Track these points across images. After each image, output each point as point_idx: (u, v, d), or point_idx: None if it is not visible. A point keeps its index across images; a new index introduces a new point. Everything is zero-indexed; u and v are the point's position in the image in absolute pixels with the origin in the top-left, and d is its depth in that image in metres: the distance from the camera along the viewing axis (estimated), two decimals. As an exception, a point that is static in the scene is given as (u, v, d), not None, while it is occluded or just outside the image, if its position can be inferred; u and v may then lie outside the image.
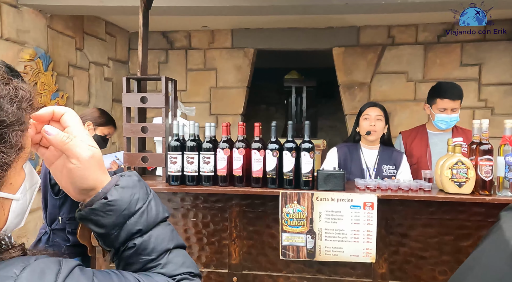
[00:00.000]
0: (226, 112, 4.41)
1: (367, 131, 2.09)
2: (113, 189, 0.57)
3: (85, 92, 3.78)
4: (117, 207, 0.56)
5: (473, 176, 1.54)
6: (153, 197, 0.62)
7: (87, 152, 0.54)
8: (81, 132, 0.55)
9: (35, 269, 0.44)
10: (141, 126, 1.88)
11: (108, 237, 0.58)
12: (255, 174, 1.72)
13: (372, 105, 2.18)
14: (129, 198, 0.58)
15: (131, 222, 0.58)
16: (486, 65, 3.96)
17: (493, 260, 0.44)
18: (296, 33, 4.23)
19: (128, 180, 0.60)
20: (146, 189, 0.62)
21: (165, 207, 0.64)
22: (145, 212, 0.59)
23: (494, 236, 0.45)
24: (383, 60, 4.16)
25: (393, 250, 1.69)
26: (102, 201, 0.56)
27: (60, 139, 0.53)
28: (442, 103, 2.16)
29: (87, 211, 0.57)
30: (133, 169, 1.98)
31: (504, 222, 0.45)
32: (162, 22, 4.01)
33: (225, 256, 1.81)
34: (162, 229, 0.61)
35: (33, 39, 3.07)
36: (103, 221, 0.57)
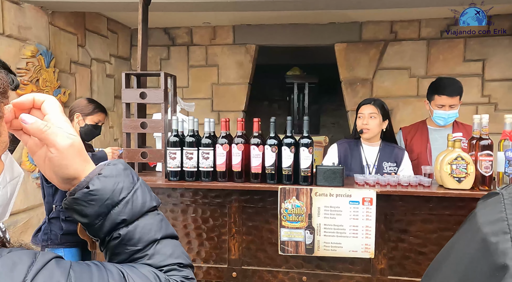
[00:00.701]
0: (228, 109, 4.41)
1: (360, 130, 2.07)
2: (96, 178, 0.56)
3: (87, 89, 3.80)
4: (99, 196, 0.55)
5: (473, 171, 1.53)
6: (139, 186, 0.60)
7: (66, 141, 0.53)
8: (60, 120, 0.54)
9: (6, 261, 0.43)
10: (140, 122, 1.88)
11: (92, 227, 0.57)
12: (254, 169, 1.72)
13: (367, 102, 2.14)
14: (112, 187, 0.56)
15: (115, 212, 0.56)
16: (489, 61, 3.92)
17: (466, 246, 0.44)
18: (298, 29, 4.21)
19: (112, 169, 0.58)
20: (133, 178, 0.60)
21: (154, 196, 0.62)
22: (130, 201, 0.57)
23: (468, 223, 0.46)
24: (385, 56, 4.13)
25: (392, 246, 1.68)
26: (84, 191, 0.55)
27: (37, 128, 0.51)
28: (440, 99, 2.14)
29: (70, 200, 0.56)
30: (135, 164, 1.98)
31: (479, 209, 0.45)
32: (164, 19, 4.00)
33: (225, 251, 1.81)
34: (149, 219, 0.59)
35: (34, 35, 3.08)
36: (86, 210, 0.55)
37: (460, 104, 2.20)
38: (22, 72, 2.94)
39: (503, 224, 0.40)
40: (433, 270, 0.51)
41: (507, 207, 0.41)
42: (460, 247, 0.46)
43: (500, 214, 0.41)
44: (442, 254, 0.50)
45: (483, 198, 0.47)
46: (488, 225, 0.41)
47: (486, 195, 0.47)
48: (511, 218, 0.40)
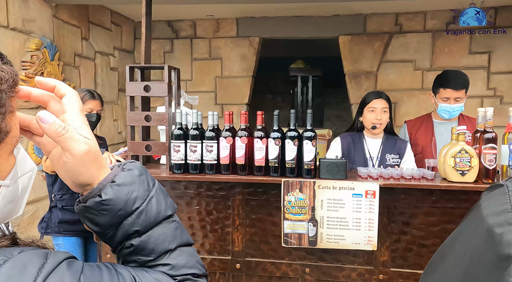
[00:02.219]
0: (231, 102, 4.41)
1: (373, 126, 2.06)
2: (108, 187, 0.52)
3: (91, 82, 3.81)
4: (111, 206, 0.52)
5: (477, 164, 1.53)
6: (155, 194, 0.56)
7: (83, 147, 0.50)
8: (79, 121, 0.51)
9: (16, 263, 0.41)
10: (144, 115, 1.89)
11: (104, 236, 0.55)
12: (257, 162, 1.73)
13: (377, 96, 2.12)
14: (126, 197, 0.53)
15: (127, 223, 0.53)
16: (495, 53, 3.88)
17: (471, 237, 0.45)
18: (301, 21, 4.18)
19: (126, 175, 0.54)
20: (148, 184, 0.56)
21: (170, 202, 0.59)
22: (143, 211, 0.54)
23: (472, 214, 0.46)
24: (390, 49, 4.10)
25: (395, 238, 1.69)
26: (96, 199, 0.52)
27: (55, 130, 0.48)
28: (445, 92, 2.12)
29: (81, 207, 0.53)
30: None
31: (483, 201, 0.45)
32: (167, 11, 3.99)
33: (228, 243, 1.83)
34: (163, 228, 0.56)
35: (39, 28, 3.09)
36: (97, 220, 0.53)
37: (466, 97, 2.18)
38: (27, 65, 2.96)
39: (508, 215, 0.41)
40: (436, 260, 0.51)
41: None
42: (465, 238, 0.46)
43: (505, 206, 0.42)
44: (446, 245, 0.51)
45: (487, 190, 0.47)
46: (493, 216, 0.42)
47: (490, 187, 0.47)
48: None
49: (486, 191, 0.47)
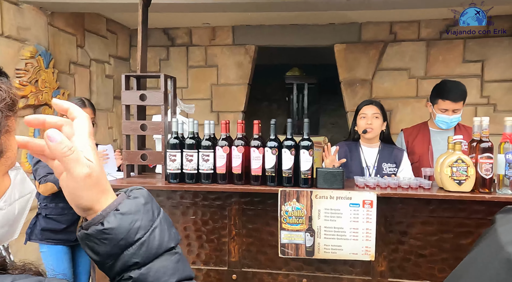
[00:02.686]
0: (227, 109, 4.40)
1: (364, 130, 2.08)
2: (112, 215, 0.51)
3: (86, 90, 3.79)
4: (113, 236, 0.50)
5: (473, 174, 1.53)
6: (159, 224, 0.54)
7: (84, 170, 0.49)
8: (86, 145, 0.50)
9: None
10: (140, 124, 1.88)
11: (102, 266, 0.53)
12: (254, 172, 1.72)
13: (368, 103, 2.16)
14: (129, 227, 0.51)
15: (128, 254, 0.51)
16: (489, 62, 3.93)
17: (488, 264, 0.43)
18: (297, 29, 4.21)
19: (131, 204, 0.53)
20: (153, 214, 0.54)
21: (174, 233, 0.57)
22: (145, 242, 0.52)
23: (489, 239, 0.45)
24: (385, 57, 4.13)
25: (392, 248, 1.68)
26: (98, 227, 0.50)
27: (61, 150, 0.47)
28: (444, 104, 2.12)
29: (82, 234, 0.52)
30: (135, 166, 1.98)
31: (499, 225, 0.44)
32: (163, 19, 4.00)
33: (225, 253, 1.81)
34: (164, 261, 0.54)
35: (33, 36, 3.07)
36: (97, 248, 0.51)
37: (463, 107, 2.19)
38: (21, 73, 2.93)
39: None
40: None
41: None
42: (481, 263, 0.45)
43: None
44: (461, 269, 0.49)
45: (502, 213, 0.46)
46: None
47: (504, 209, 0.46)
48: None
49: (501, 214, 0.45)
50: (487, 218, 1.59)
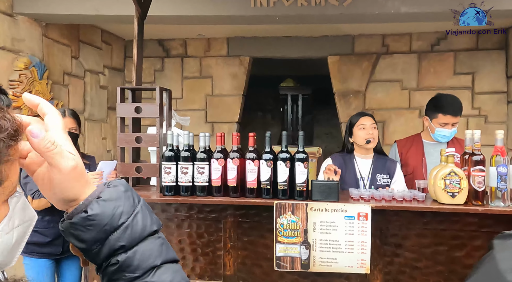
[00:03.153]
0: (221, 120, 4.41)
1: (367, 140, 2.09)
2: (94, 202, 0.53)
3: (80, 100, 3.78)
4: (97, 221, 0.52)
5: (466, 186, 1.54)
6: (140, 210, 0.57)
7: (70, 163, 0.50)
8: (63, 139, 0.51)
9: None
10: (135, 136, 1.87)
11: (89, 252, 0.54)
12: (249, 184, 1.71)
13: (364, 114, 2.19)
14: (112, 212, 0.53)
15: (113, 238, 0.53)
16: (479, 74, 4.00)
17: None
18: (291, 41, 4.26)
19: (112, 191, 0.55)
20: (134, 200, 0.57)
21: (155, 218, 0.59)
22: (129, 226, 0.54)
23: (487, 267, 0.45)
24: (377, 69, 4.19)
25: (387, 261, 1.68)
26: (82, 215, 0.52)
27: (44, 145, 0.49)
28: (444, 118, 2.15)
29: (66, 224, 0.53)
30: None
31: (498, 252, 0.44)
32: (158, 30, 4.02)
33: (220, 267, 1.79)
34: (149, 244, 0.56)
35: (28, 47, 3.07)
36: (83, 236, 0.53)
37: None
38: (15, 84, 2.92)
39: None
40: None
41: None
42: None
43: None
44: None
45: (500, 238, 0.46)
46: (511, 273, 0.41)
47: (502, 235, 0.46)
48: None
49: (498, 239, 0.45)
50: (481, 230, 1.60)
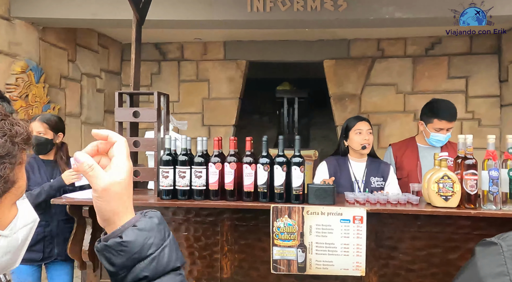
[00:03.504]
0: (218, 123, 4.43)
1: (363, 146, 2.11)
2: (130, 229, 0.56)
3: (76, 104, 3.78)
4: (129, 248, 0.55)
5: (459, 190, 1.57)
6: (168, 243, 0.59)
7: (102, 184, 0.55)
8: (121, 165, 0.56)
9: None
10: (133, 141, 1.89)
11: (115, 276, 0.57)
12: (246, 188, 1.73)
13: (361, 119, 2.20)
14: (143, 242, 0.56)
15: (139, 267, 0.56)
16: (472, 78, 4.06)
17: None
18: (287, 45, 4.30)
19: (147, 222, 0.58)
20: (164, 234, 0.59)
21: (180, 255, 0.61)
22: (156, 258, 0.57)
23: (469, 273, 0.47)
24: (373, 72, 4.24)
25: (382, 263, 1.71)
26: (116, 240, 0.55)
27: (83, 169, 0.55)
28: (440, 123, 2.17)
29: (102, 246, 0.56)
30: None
31: (479, 258, 0.46)
32: (155, 34, 4.04)
33: (217, 270, 1.81)
34: (170, 279, 0.58)
35: (25, 51, 3.08)
36: (114, 260, 0.56)
37: None
38: (12, 87, 2.93)
39: (505, 279, 0.42)
40: None
41: (507, 260, 0.43)
42: None
43: (501, 268, 0.43)
44: None
45: (481, 245, 0.48)
46: (490, 279, 0.43)
47: (483, 243, 0.48)
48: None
49: (480, 246, 0.48)
50: (474, 233, 1.63)
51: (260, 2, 2.96)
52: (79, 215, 1.79)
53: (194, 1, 3.03)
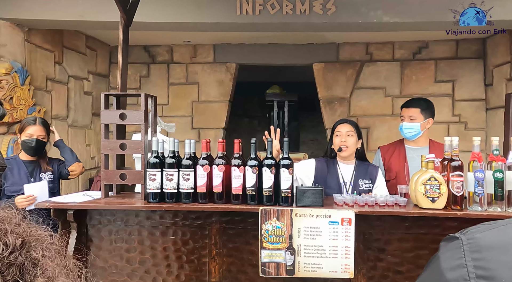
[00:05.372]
0: (208, 126, 4.41)
1: (339, 148, 2.12)
2: None
3: (63, 106, 3.72)
4: None
5: (446, 191, 1.59)
6: None
7: None
8: None
9: None
10: (119, 143, 1.86)
11: None
12: (235, 190, 1.72)
13: (343, 121, 2.21)
14: None
15: None
16: (458, 82, 4.13)
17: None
18: (277, 48, 4.31)
19: None
20: None
21: None
22: None
23: (432, 266, 0.48)
24: (361, 76, 4.27)
25: (371, 265, 1.71)
26: None
27: None
28: (402, 111, 2.34)
29: None
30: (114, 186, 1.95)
31: (442, 253, 0.48)
32: (144, 37, 4.01)
33: (205, 274, 1.79)
34: None
35: (9, 53, 3.02)
36: None
37: (432, 123, 2.29)
38: (-4, 89, 2.86)
39: (463, 271, 0.43)
40: None
41: (465, 253, 0.44)
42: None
43: (460, 260, 0.44)
44: None
45: (445, 241, 0.49)
46: (450, 271, 0.44)
47: (447, 238, 0.49)
48: (470, 265, 0.43)
49: (444, 242, 0.49)
50: (460, 234, 1.65)
51: (249, 5, 2.97)
52: (63, 219, 1.75)
53: (183, 3, 3.02)
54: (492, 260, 0.43)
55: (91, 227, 1.83)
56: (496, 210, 1.56)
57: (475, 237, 0.46)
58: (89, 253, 1.81)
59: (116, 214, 1.81)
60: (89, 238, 1.83)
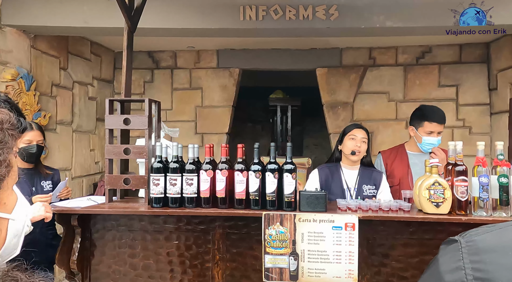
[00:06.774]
0: (211, 131, 4.42)
1: (352, 151, 2.11)
2: None
3: (68, 112, 3.75)
4: None
5: (450, 196, 1.58)
6: None
7: None
8: None
9: None
10: (123, 148, 1.87)
11: None
12: (238, 195, 1.72)
13: (358, 126, 2.21)
14: None
15: None
16: (462, 86, 4.11)
17: None
18: (280, 53, 4.32)
19: None
20: None
21: None
22: None
23: (432, 269, 0.48)
24: (365, 81, 4.27)
25: (375, 271, 1.70)
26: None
27: None
28: (430, 126, 2.20)
29: None
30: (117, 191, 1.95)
31: (441, 255, 0.48)
32: (148, 42, 4.04)
33: (208, 279, 1.78)
34: None
35: (15, 59, 3.06)
36: None
37: None
38: (2, 95, 2.89)
39: (461, 273, 0.43)
40: None
41: (464, 256, 0.44)
42: None
43: (458, 263, 0.44)
44: None
45: (444, 243, 0.50)
46: (448, 273, 0.44)
47: (446, 241, 0.49)
48: (468, 267, 0.43)
49: (443, 245, 0.49)
50: (465, 239, 1.63)
51: (253, 10, 2.99)
52: (67, 223, 1.76)
53: (187, 9, 3.05)
54: (490, 263, 0.43)
55: (95, 232, 1.84)
56: (501, 215, 1.55)
57: (473, 240, 0.46)
58: (93, 258, 1.82)
59: (120, 219, 1.81)
60: (93, 242, 1.83)
